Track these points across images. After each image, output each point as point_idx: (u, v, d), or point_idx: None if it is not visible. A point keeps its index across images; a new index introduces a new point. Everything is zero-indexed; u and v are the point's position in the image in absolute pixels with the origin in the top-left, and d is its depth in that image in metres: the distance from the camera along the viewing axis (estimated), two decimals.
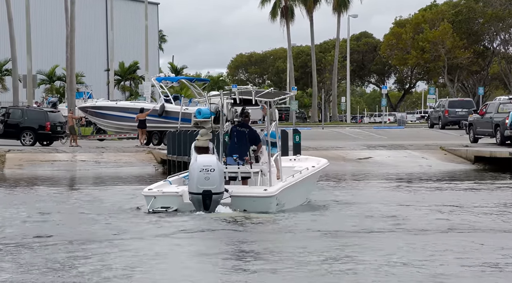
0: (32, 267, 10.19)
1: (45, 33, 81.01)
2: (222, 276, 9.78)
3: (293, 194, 16.25)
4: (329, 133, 47.56)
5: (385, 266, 10.25)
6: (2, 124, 35.16)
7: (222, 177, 15.03)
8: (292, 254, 11.14)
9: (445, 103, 50.60)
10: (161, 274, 9.90)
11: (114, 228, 13.90)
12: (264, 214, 15.00)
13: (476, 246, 11.96)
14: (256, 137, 16.36)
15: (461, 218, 15.35)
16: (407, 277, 9.62)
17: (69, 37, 47.04)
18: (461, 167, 30.42)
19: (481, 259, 10.72)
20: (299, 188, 16.57)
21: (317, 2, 78.78)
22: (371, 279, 9.52)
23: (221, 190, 14.98)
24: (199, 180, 14.82)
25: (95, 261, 10.63)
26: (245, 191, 15.58)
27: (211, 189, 14.80)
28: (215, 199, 14.89)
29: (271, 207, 15.35)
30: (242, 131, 16.32)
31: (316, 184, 18.97)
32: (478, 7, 77.15)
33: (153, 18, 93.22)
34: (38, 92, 64.05)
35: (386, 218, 15.23)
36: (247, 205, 15.30)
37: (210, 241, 12.61)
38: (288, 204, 16.00)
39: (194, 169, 15.01)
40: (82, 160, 30.73)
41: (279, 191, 15.48)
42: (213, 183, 14.81)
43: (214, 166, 14.89)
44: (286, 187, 15.77)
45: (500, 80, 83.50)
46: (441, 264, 10.36)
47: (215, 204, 14.97)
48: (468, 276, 9.75)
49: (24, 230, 13.70)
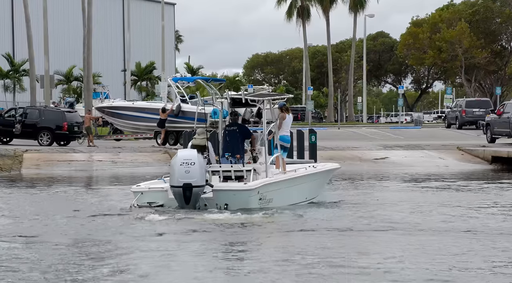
0: (35, 265, 10.22)
1: (62, 33, 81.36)
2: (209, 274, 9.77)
3: (283, 191, 16.35)
4: (345, 133, 47.43)
5: (383, 265, 10.20)
6: (20, 124, 35.31)
7: (203, 171, 15.14)
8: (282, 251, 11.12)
9: (462, 103, 50.36)
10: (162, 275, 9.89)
11: (113, 227, 13.89)
12: (257, 214, 15.01)
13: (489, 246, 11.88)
14: (247, 132, 16.77)
15: (476, 219, 15.23)
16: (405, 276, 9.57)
17: (86, 38, 47.24)
18: (478, 167, 30.24)
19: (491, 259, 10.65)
20: (291, 186, 16.68)
21: (334, 1, 78.66)
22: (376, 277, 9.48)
23: (202, 184, 15.10)
24: (179, 173, 14.95)
25: (87, 261, 10.64)
26: (225, 185, 15.79)
27: (191, 182, 14.90)
28: (195, 192, 14.98)
29: (251, 201, 15.43)
30: (232, 129, 16.70)
31: (323, 185, 18.82)
32: (496, 7, 76.75)
33: (170, 19, 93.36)
34: (55, 93, 64.31)
35: (393, 219, 15.11)
36: (228, 199, 15.36)
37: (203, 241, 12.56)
38: (279, 202, 16.06)
39: (175, 163, 15.19)
40: (99, 160, 30.79)
41: (259, 186, 15.57)
42: (193, 176, 14.91)
43: (195, 160, 15.03)
44: (269, 183, 15.88)
45: None
46: (457, 265, 10.29)
47: (196, 197, 15.08)
48: (474, 276, 9.68)
49: (31, 229, 13.75)
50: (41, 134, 35.30)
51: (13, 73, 69.09)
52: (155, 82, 72.25)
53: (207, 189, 15.31)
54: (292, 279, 9.59)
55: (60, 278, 9.57)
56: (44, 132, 35.34)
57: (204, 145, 16.47)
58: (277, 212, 15.28)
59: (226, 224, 14.09)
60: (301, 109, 74.87)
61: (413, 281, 9.43)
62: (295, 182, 16.86)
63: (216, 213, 14.96)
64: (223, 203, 15.34)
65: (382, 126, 63.30)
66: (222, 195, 15.39)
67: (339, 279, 9.57)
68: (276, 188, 16.10)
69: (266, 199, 15.77)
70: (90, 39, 47.20)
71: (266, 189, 15.73)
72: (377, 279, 9.52)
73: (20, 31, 64.52)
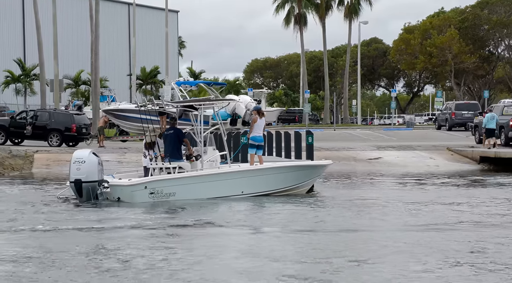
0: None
1: (71, 39, 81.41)
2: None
3: (192, 186, 17.40)
4: (341, 135, 47.44)
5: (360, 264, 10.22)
6: (31, 126, 35.32)
7: (94, 168, 16.76)
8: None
9: (451, 105, 50.36)
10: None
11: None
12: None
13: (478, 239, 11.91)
14: (180, 135, 18.05)
15: (465, 215, 15.28)
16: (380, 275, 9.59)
17: (94, 44, 47.25)
18: (467, 167, 30.27)
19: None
20: (200, 182, 17.60)
21: (329, 9, 78.64)
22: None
23: (93, 179, 16.70)
24: (72, 171, 16.80)
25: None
26: (116, 181, 17.34)
27: (81, 178, 16.67)
28: (85, 187, 16.64)
29: (138, 195, 16.88)
30: (169, 133, 18.08)
31: (286, 180, 19.00)
32: (484, 14, 76.76)
33: (173, 25, 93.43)
34: (64, 96, 64.30)
35: (377, 215, 15.18)
36: (119, 193, 17.00)
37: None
38: (183, 195, 17.18)
39: (70, 162, 17.00)
40: (105, 160, 30.60)
41: (145, 182, 17.11)
42: (83, 173, 16.68)
43: (85, 159, 16.82)
44: (158, 180, 17.24)
45: (504, 84, 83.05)
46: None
47: (87, 191, 16.68)
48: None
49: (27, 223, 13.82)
50: (50, 135, 35.30)
51: (24, 78, 69.11)
52: (159, 86, 72.24)
53: (104, 184, 16.92)
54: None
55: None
56: (54, 133, 35.35)
57: (155, 142, 18.28)
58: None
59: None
60: (298, 111, 74.92)
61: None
62: (206, 179, 17.77)
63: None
64: (116, 196, 17.00)
65: (376, 128, 63.28)
66: (114, 190, 17.04)
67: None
68: (175, 183, 17.32)
69: (162, 194, 17.08)
70: (97, 45, 47.21)
71: (157, 185, 17.10)
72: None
73: (31, 37, 64.47)
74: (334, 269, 9.63)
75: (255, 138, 18.97)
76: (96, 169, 16.82)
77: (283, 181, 18.90)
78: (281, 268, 9.73)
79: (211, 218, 14.69)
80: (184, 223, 14.01)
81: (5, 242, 11.95)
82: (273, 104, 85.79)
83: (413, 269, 9.65)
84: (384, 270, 9.65)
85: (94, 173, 16.75)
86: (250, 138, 18.99)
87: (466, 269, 9.67)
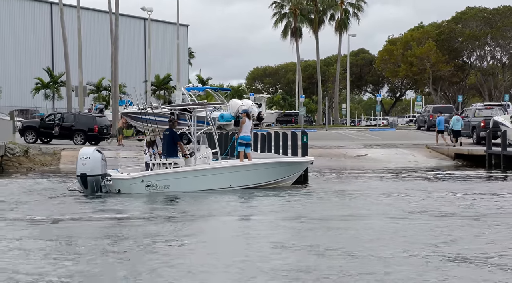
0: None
1: (94, 50, 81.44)
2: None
3: (183, 180, 17.46)
4: (332, 134, 47.43)
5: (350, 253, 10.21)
6: (58, 127, 35.35)
7: (98, 163, 16.98)
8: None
9: (430, 108, 50.33)
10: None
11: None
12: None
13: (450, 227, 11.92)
14: (175, 136, 18.07)
15: (437, 204, 15.29)
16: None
17: (114, 54, 47.26)
18: (443, 163, 30.28)
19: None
20: (192, 176, 17.70)
21: (322, 23, 78.60)
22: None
23: (96, 173, 16.90)
24: (78, 166, 17.13)
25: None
26: (117, 175, 17.47)
27: (86, 172, 16.95)
28: (89, 180, 16.89)
29: (135, 188, 17.06)
30: (166, 134, 18.18)
31: (274, 174, 19.04)
32: (458, 28, 76.76)
33: (184, 38, 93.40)
34: (87, 100, 64.34)
35: (367, 206, 15.17)
36: (119, 186, 17.14)
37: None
38: (177, 188, 17.26)
39: (77, 158, 17.21)
40: (124, 157, 30.84)
41: (141, 176, 17.26)
42: (87, 168, 16.92)
43: (90, 155, 17.07)
44: (153, 174, 17.35)
45: (476, 89, 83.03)
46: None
47: (92, 184, 16.91)
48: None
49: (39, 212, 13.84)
50: (75, 135, 35.32)
51: (53, 84, 69.24)
52: (171, 91, 72.28)
53: (106, 177, 17.03)
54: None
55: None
56: (79, 133, 35.37)
57: (155, 141, 18.42)
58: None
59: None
60: (294, 114, 74.96)
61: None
62: (197, 173, 17.86)
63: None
64: (116, 189, 17.19)
65: (363, 128, 63.21)
66: (115, 183, 17.18)
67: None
68: (169, 177, 17.42)
69: (157, 186, 17.19)
70: (117, 55, 47.22)
71: (152, 179, 17.26)
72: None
73: (59, 48, 64.53)
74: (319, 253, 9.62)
75: (244, 137, 19.12)
76: (100, 164, 17.11)
77: (267, 175, 18.98)
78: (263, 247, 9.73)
79: (199, 207, 14.83)
80: (173, 214, 14.02)
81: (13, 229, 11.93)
82: (272, 107, 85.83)
83: (388, 254, 9.66)
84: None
85: (98, 168, 17.04)
86: (239, 137, 19.14)
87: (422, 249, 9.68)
